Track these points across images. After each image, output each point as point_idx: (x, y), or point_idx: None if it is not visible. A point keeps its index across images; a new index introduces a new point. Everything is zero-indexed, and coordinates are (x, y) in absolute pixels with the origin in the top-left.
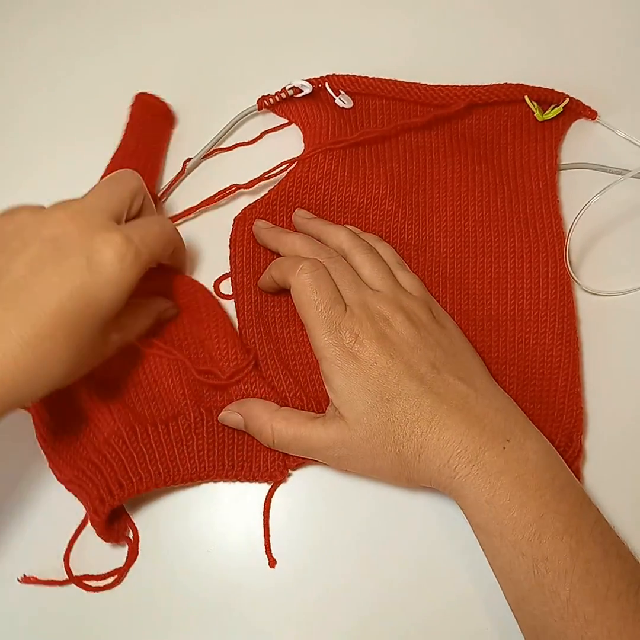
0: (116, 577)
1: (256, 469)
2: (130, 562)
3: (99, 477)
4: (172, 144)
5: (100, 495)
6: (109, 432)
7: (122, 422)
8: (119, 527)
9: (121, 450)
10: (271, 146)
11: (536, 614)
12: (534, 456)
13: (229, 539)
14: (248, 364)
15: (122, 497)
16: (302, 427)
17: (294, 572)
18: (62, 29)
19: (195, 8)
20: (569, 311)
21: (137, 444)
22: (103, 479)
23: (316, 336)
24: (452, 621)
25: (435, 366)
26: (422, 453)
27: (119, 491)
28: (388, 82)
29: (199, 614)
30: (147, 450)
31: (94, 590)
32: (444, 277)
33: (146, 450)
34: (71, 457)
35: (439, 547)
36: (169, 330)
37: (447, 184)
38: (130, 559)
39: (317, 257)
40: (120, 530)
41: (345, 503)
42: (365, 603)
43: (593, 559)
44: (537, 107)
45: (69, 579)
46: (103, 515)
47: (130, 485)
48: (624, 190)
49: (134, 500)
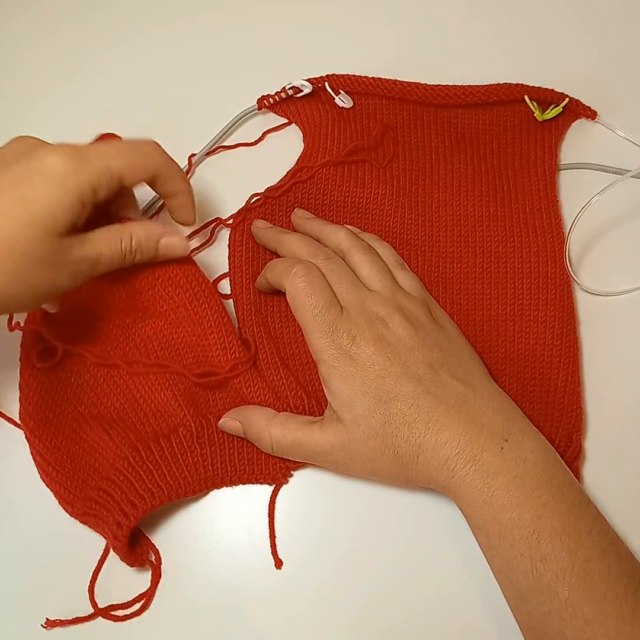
0: (144, 602)
1: (259, 471)
2: (155, 584)
3: (111, 503)
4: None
5: (116, 520)
6: (113, 457)
7: (124, 445)
8: (140, 551)
9: (128, 472)
10: (271, 145)
11: (535, 613)
12: (532, 456)
13: (229, 539)
14: (249, 358)
15: (138, 517)
16: (300, 432)
17: (295, 573)
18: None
19: (196, 8)
20: (568, 311)
21: (142, 463)
22: (115, 503)
23: (313, 339)
24: (452, 621)
25: (433, 367)
26: (421, 454)
27: (133, 511)
28: (388, 82)
29: (199, 614)
30: (154, 466)
31: (122, 619)
32: (443, 277)
33: (153, 467)
34: (80, 490)
35: (439, 547)
36: (162, 332)
37: (447, 184)
38: (154, 581)
39: (316, 257)
40: (143, 553)
41: (345, 504)
42: (364, 603)
43: (591, 559)
44: (537, 107)
45: (95, 612)
46: (123, 539)
47: (143, 503)
48: (624, 190)
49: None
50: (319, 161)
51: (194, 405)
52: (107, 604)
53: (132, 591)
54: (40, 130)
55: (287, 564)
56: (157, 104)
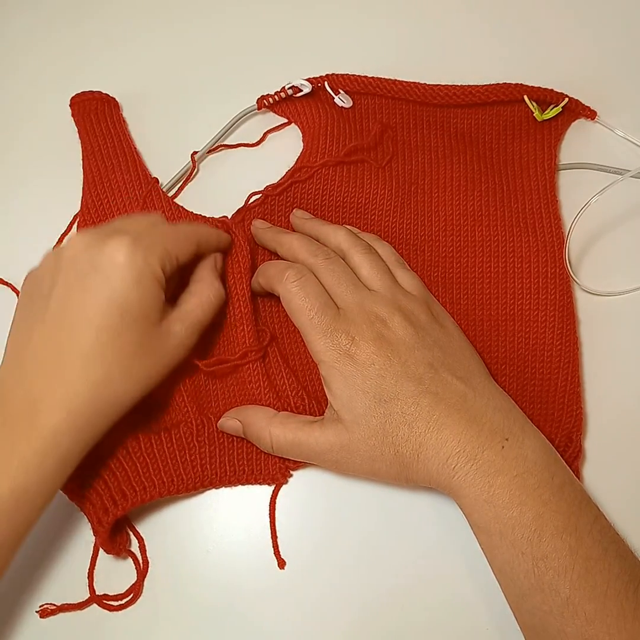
0: (133, 594)
1: (258, 472)
2: (142, 575)
3: (102, 487)
4: (172, 143)
5: (104, 506)
6: (112, 442)
7: (125, 432)
8: (120, 540)
9: (125, 460)
10: (271, 145)
11: (536, 612)
12: (533, 455)
13: (228, 539)
14: (261, 348)
15: (126, 507)
16: (300, 432)
17: (295, 573)
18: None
19: (197, 7)
20: (568, 311)
21: (140, 454)
22: (107, 488)
23: (312, 341)
24: (452, 621)
25: (433, 366)
26: (421, 453)
27: (122, 501)
28: (387, 82)
29: (199, 614)
30: (151, 459)
31: (116, 609)
32: (442, 277)
33: (149, 459)
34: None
35: (439, 546)
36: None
37: (446, 184)
38: (142, 571)
39: (315, 257)
40: (122, 542)
41: (344, 503)
42: (364, 602)
43: (592, 557)
44: (537, 107)
45: (91, 597)
46: (107, 526)
47: (133, 495)
48: (624, 190)
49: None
50: (319, 161)
51: (197, 403)
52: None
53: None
54: (40, 130)
55: (287, 563)
56: (158, 103)
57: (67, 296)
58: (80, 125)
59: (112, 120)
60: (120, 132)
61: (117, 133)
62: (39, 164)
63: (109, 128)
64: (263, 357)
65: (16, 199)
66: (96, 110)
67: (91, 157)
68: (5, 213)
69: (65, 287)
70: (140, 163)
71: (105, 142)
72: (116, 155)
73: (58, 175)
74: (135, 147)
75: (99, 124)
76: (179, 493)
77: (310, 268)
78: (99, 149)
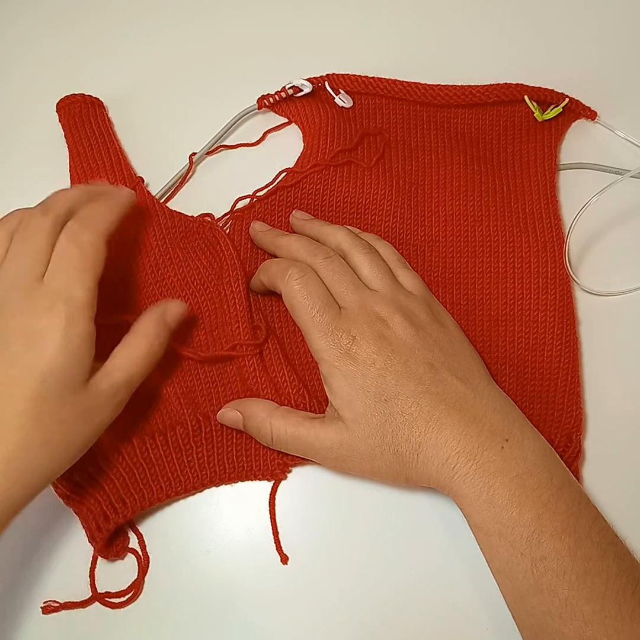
0: (133, 591)
1: (257, 468)
2: (143, 570)
3: (101, 494)
4: (173, 143)
5: (104, 512)
6: (107, 447)
7: (120, 436)
8: (118, 543)
9: (121, 466)
10: (272, 144)
11: (534, 613)
12: (532, 456)
13: (229, 538)
14: (254, 343)
15: (126, 515)
16: (301, 427)
17: (296, 570)
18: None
19: (198, 7)
20: (568, 311)
21: (136, 459)
22: (105, 495)
23: (313, 340)
24: (452, 621)
25: (433, 366)
26: (421, 453)
27: (122, 508)
28: (388, 82)
29: (199, 614)
30: (147, 464)
31: (118, 606)
32: (443, 277)
33: (146, 464)
34: (68, 470)
35: (439, 546)
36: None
37: (447, 184)
38: (143, 567)
39: (315, 257)
40: (119, 543)
41: (344, 500)
42: (364, 602)
43: (591, 558)
44: (537, 107)
45: (93, 595)
46: (107, 532)
47: (133, 502)
48: (624, 190)
49: None
50: (318, 161)
51: (193, 404)
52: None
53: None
54: (40, 131)
55: (289, 560)
56: (157, 103)
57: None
58: (66, 128)
59: (97, 122)
60: (105, 133)
61: (102, 134)
62: (30, 168)
63: (94, 129)
64: (262, 355)
65: (6, 203)
66: (80, 113)
67: (77, 159)
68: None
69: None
70: (124, 162)
71: (89, 143)
72: (101, 155)
73: (49, 179)
74: (120, 146)
75: (84, 126)
76: (177, 495)
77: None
78: (84, 150)
